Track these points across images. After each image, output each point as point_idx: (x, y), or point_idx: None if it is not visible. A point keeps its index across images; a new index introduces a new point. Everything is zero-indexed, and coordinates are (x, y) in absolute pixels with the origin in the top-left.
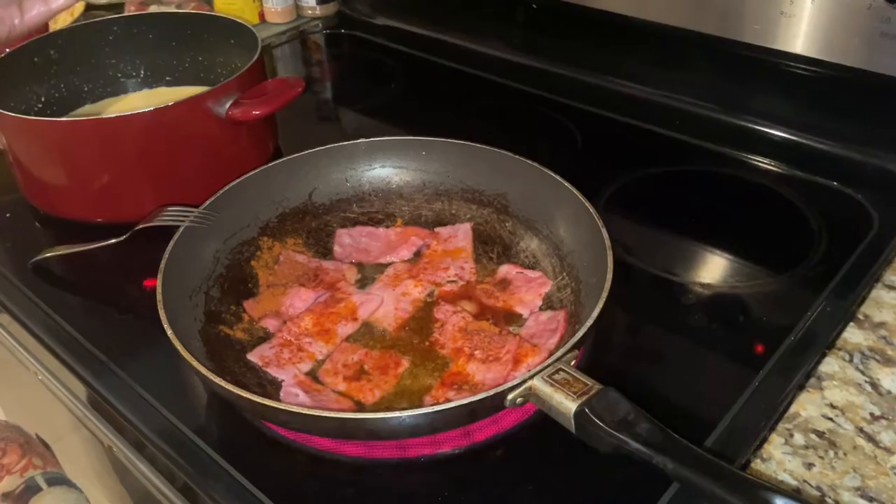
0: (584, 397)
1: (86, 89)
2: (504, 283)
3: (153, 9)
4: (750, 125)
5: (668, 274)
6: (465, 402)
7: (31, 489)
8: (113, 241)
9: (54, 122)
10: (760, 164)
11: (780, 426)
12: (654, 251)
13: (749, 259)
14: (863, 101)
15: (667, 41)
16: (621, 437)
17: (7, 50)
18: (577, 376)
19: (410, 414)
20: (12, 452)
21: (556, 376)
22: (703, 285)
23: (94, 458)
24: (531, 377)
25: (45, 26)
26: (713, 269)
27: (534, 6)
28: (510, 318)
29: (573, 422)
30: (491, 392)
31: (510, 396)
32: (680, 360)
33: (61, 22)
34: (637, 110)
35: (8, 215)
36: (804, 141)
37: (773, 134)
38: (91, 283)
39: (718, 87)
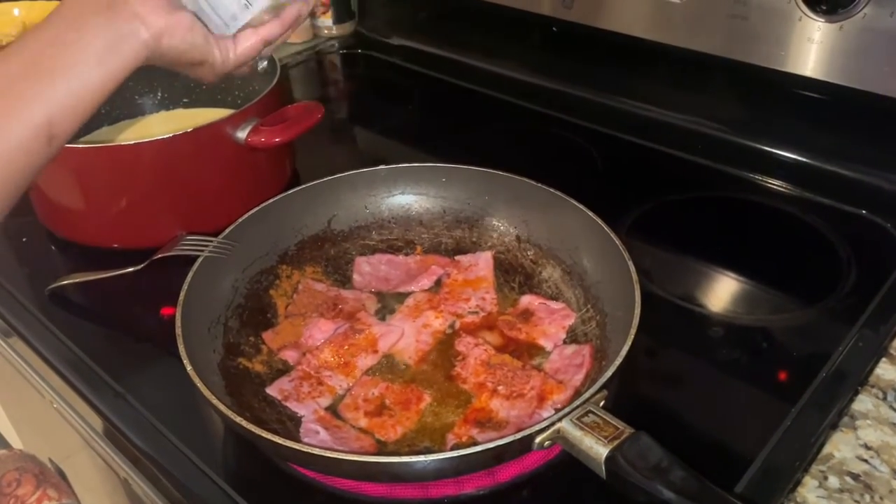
0: (616, 442)
1: (102, 111)
2: (526, 315)
3: None
4: (776, 151)
5: (694, 305)
6: (491, 445)
7: None
8: (131, 269)
9: (72, 148)
10: (786, 191)
11: (814, 468)
12: (678, 281)
13: (776, 289)
14: (892, 128)
15: (691, 65)
16: (654, 485)
17: None
18: (608, 419)
19: (435, 458)
20: (27, 483)
21: (586, 419)
22: (729, 317)
23: (108, 485)
24: (559, 419)
25: None
26: (740, 299)
27: (554, 29)
28: (533, 350)
29: (604, 468)
30: (518, 435)
31: (538, 439)
32: (707, 396)
33: None
34: (659, 134)
35: (24, 240)
36: (832, 168)
37: (799, 161)
38: (108, 312)
39: (743, 112)
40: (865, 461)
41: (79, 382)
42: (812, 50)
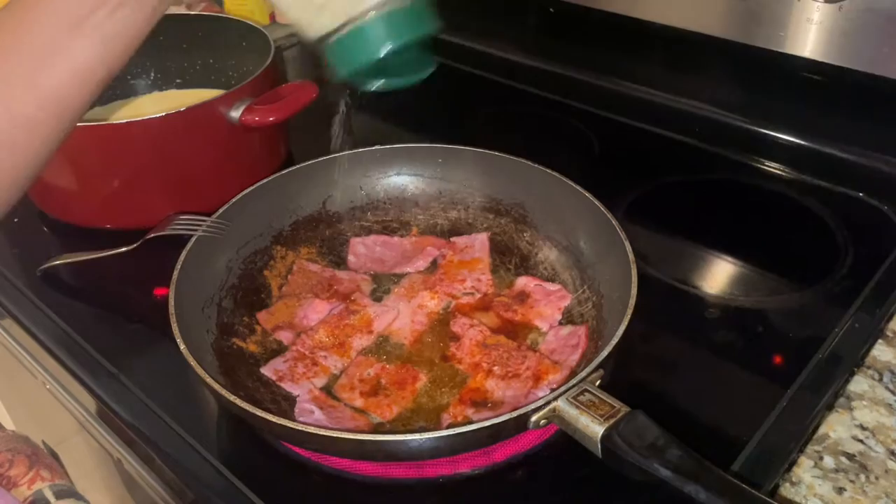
0: (612, 420)
1: None
2: (522, 296)
3: None
4: (773, 133)
5: (690, 287)
6: (486, 424)
7: (39, 502)
8: (123, 249)
9: None
10: (783, 174)
11: (810, 448)
12: (675, 263)
13: (773, 272)
14: (890, 111)
15: (689, 47)
16: (651, 463)
17: None
18: (604, 398)
19: (431, 436)
20: (20, 464)
21: (582, 398)
22: (725, 299)
23: (102, 467)
24: (555, 398)
25: None
26: (736, 282)
27: (551, 10)
28: (529, 331)
29: (600, 446)
30: (514, 414)
31: (534, 418)
32: (703, 376)
33: None
34: (656, 117)
35: (16, 220)
36: (829, 150)
37: (797, 143)
38: (100, 292)
39: (740, 94)
40: (861, 441)
41: (72, 363)
42: (811, 31)
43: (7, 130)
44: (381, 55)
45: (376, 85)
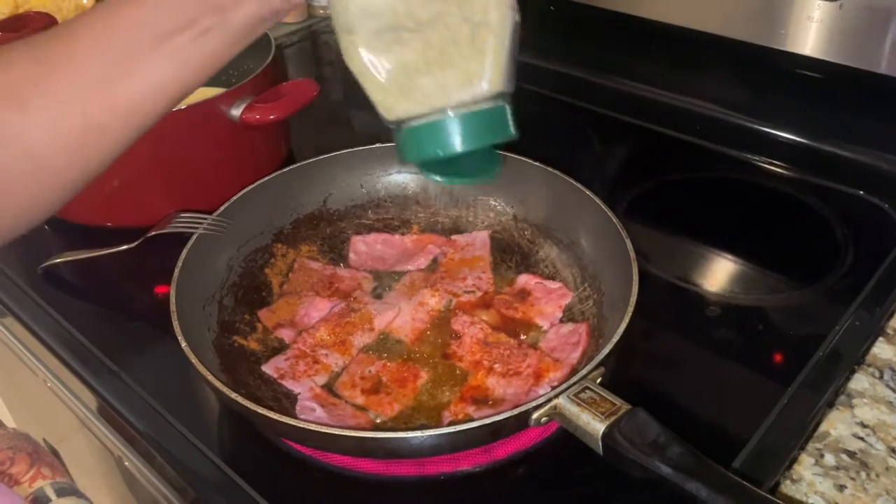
0: (613, 418)
1: None
2: (523, 294)
3: None
4: (773, 131)
5: (691, 285)
6: (488, 421)
7: (40, 500)
8: (124, 247)
9: None
10: (784, 172)
11: (810, 446)
12: (675, 261)
13: (774, 270)
14: (890, 109)
15: (689, 45)
16: (652, 461)
17: None
18: (605, 395)
19: (432, 433)
20: (21, 462)
21: (583, 395)
22: (726, 297)
23: (103, 465)
24: (556, 396)
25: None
26: (737, 279)
27: (551, 7)
28: (530, 329)
29: (601, 444)
30: (515, 411)
31: (535, 415)
32: (704, 374)
33: None
34: (657, 115)
35: None
36: (829, 149)
37: (797, 141)
38: (101, 290)
39: (741, 92)
40: (861, 439)
41: (73, 361)
42: (812, 29)
43: (80, 133)
44: (453, 154)
45: (440, 179)
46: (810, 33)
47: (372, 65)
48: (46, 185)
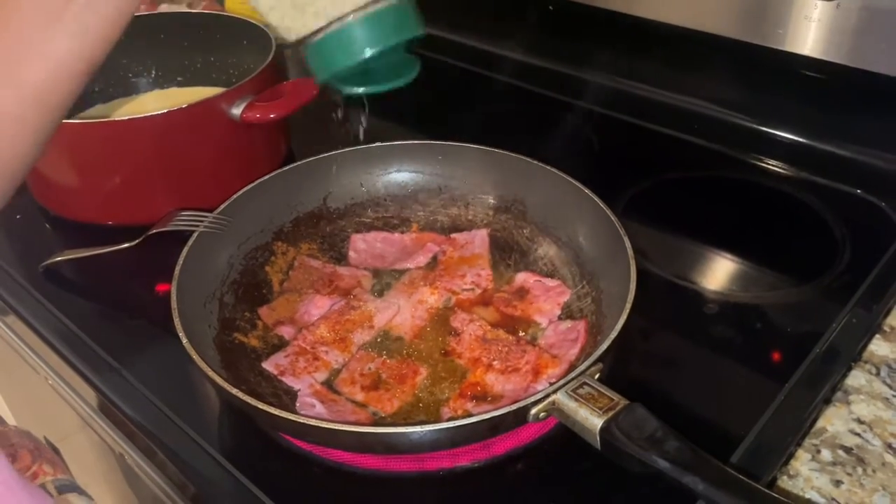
0: (610, 413)
1: (96, 89)
2: (522, 292)
3: (164, 8)
4: (771, 131)
5: (689, 282)
6: (486, 416)
7: None
8: (126, 245)
9: (66, 123)
10: (782, 171)
11: (807, 442)
12: (674, 258)
13: (771, 268)
14: (888, 107)
15: (687, 44)
16: (649, 455)
17: None
18: (603, 391)
19: (432, 428)
20: (23, 459)
21: (581, 391)
22: (724, 294)
23: (103, 461)
24: (555, 391)
25: None
26: (735, 277)
27: (550, 7)
28: (528, 327)
29: (599, 438)
30: (514, 406)
31: (533, 411)
32: (702, 371)
33: None
34: (655, 114)
35: (18, 217)
36: (827, 148)
37: (795, 140)
38: (102, 288)
39: (739, 91)
40: (858, 435)
41: (74, 358)
42: (810, 28)
43: None
44: (363, 59)
45: (357, 90)
46: (808, 33)
47: None
48: None
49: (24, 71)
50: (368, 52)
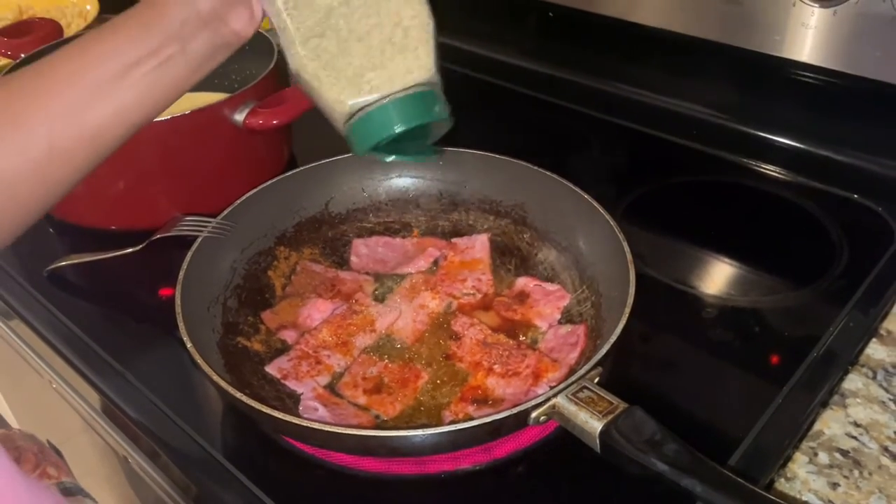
0: (610, 416)
1: None
2: (522, 296)
3: None
4: (769, 136)
5: (687, 287)
6: (488, 419)
7: None
8: (130, 250)
9: None
10: (779, 176)
11: (804, 444)
12: (672, 263)
13: (769, 272)
14: (884, 113)
15: (686, 51)
16: (648, 458)
17: (22, 55)
18: (602, 394)
19: (433, 432)
20: (27, 462)
21: (581, 394)
22: (722, 298)
23: (107, 465)
24: (555, 395)
25: (60, 32)
26: (733, 281)
27: (550, 14)
28: (528, 331)
29: (598, 442)
30: (515, 410)
31: (534, 414)
32: (700, 374)
33: (75, 27)
34: (655, 120)
35: None
36: (824, 153)
37: (792, 145)
38: (106, 292)
39: (737, 97)
40: (855, 438)
41: (78, 361)
42: (806, 35)
43: (45, 162)
44: (394, 132)
45: (389, 159)
46: (805, 40)
47: (324, 70)
48: (12, 210)
49: (88, 114)
50: (400, 128)
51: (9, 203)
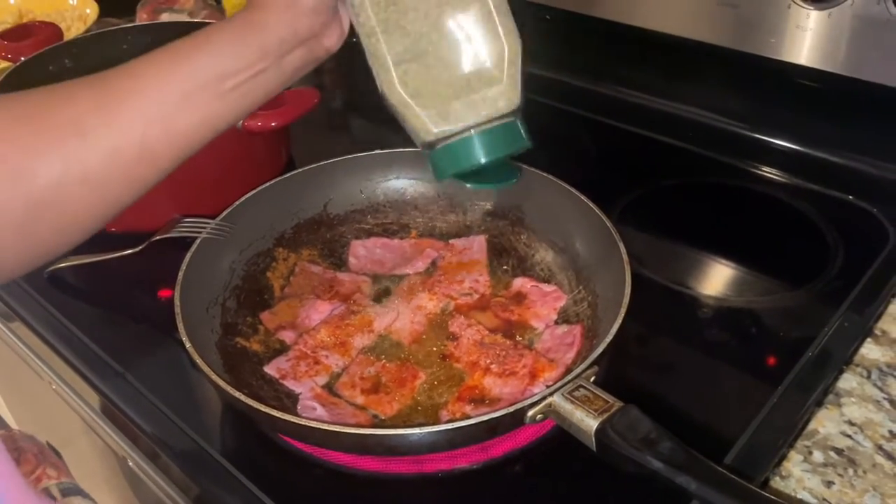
0: (606, 415)
1: None
2: (519, 297)
3: (165, 18)
4: (765, 138)
5: (684, 287)
6: (485, 418)
7: None
8: (129, 251)
9: None
10: (775, 178)
11: (799, 443)
12: (668, 264)
13: (765, 273)
14: (879, 115)
15: (682, 53)
16: (643, 456)
17: (22, 58)
18: (598, 393)
19: (431, 430)
20: (26, 462)
21: (577, 393)
22: (718, 299)
23: (107, 467)
24: (551, 394)
25: (60, 36)
26: (729, 282)
27: (546, 17)
28: (525, 331)
29: (594, 440)
30: (511, 408)
31: (530, 413)
32: (696, 374)
33: (74, 30)
34: (651, 122)
35: None
36: (819, 154)
37: (787, 147)
38: (106, 293)
39: (733, 99)
40: (849, 437)
41: (78, 363)
42: (802, 37)
43: (136, 161)
44: (479, 165)
45: (469, 186)
46: (801, 42)
47: (412, 97)
48: (98, 208)
49: (180, 120)
50: (486, 160)
51: (98, 202)
